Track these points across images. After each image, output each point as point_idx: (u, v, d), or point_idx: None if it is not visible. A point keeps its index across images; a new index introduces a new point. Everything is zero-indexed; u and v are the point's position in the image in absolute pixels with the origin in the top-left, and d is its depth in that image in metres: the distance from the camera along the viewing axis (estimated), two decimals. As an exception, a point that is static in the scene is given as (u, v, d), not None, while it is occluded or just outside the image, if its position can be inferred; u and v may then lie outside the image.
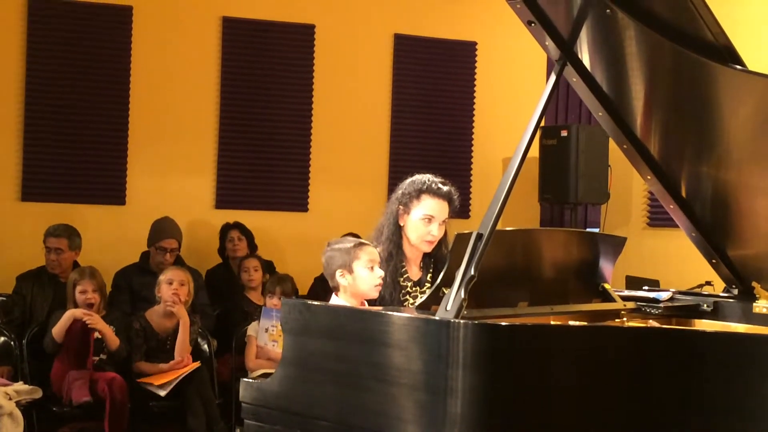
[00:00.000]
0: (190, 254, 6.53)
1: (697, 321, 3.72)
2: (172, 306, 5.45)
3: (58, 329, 5.22)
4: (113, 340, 5.31)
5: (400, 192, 3.70)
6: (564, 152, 6.92)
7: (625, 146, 3.47)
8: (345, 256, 3.46)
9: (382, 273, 3.48)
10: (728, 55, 2.87)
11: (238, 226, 6.70)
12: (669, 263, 6.74)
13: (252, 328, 5.71)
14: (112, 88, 6.71)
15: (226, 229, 6.73)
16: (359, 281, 3.45)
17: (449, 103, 7.58)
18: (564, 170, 6.93)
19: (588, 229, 7.05)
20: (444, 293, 2.84)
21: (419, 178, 3.70)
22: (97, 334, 5.29)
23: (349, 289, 3.46)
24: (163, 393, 5.27)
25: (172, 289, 5.48)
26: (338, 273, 3.46)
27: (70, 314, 5.22)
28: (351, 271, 3.44)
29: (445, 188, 3.67)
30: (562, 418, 2.72)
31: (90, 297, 5.35)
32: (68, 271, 5.82)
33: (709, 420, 2.83)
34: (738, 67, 2.85)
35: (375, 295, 3.48)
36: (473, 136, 7.65)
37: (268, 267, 6.51)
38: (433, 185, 3.66)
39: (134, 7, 6.74)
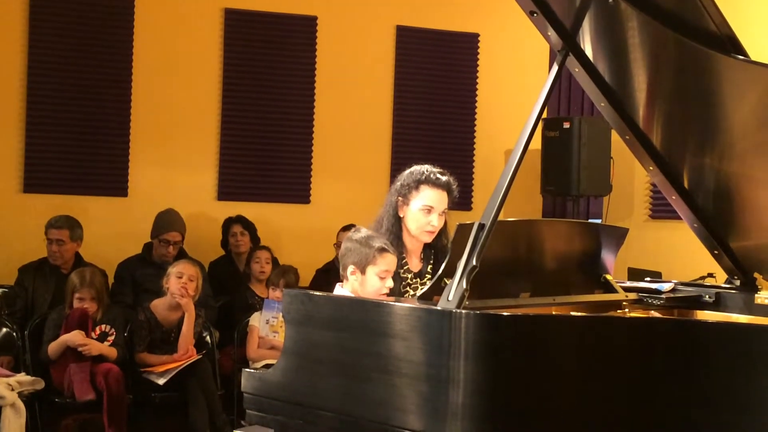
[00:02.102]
0: (193, 246, 6.51)
1: (699, 312, 3.71)
2: (180, 298, 5.45)
3: (53, 350, 5.21)
4: (111, 354, 5.29)
5: (399, 183, 3.67)
6: (566, 144, 6.91)
7: (627, 137, 3.47)
8: (363, 255, 3.40)
9: (392, 284, 3.44)
10: (731, 46, 2.86)
11: (241, 220, 6.69)
12: (671, 255, 6.73)
13: (254, 318, 5.72)
14: (114, 80, 6.70)
15: (228, 223, 6.72)
16: (366, 286, 3.41)
17: (451, 94, 7.57)
18: (566, 162, 6.92)
19: (590, 221, 7.04)
20: (446, 284, 2.84)
21: (418, 168, 3.67)
22: (96, 332, 5.30)
23: (354, 286, 3.44)
24: (161, 381, 5.26)
25: (181, 283, 5.48)
26: (350, 269, 3.44)
27: (65, 339, 5.18)
28: (363, 273, 3.41)
29: (444, 178, 3.65)
30: (563, 408, 2.72)
31: (87, 306, 5.33)
32: (70, 263, 5.83)
33: (710, 411, 2.83)
34: (741, 57, 2.84)
35: None
36: (475, 128, 7.64)
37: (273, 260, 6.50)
38: (432, 176, 3.63)
39: (136, -2, 6.76)
